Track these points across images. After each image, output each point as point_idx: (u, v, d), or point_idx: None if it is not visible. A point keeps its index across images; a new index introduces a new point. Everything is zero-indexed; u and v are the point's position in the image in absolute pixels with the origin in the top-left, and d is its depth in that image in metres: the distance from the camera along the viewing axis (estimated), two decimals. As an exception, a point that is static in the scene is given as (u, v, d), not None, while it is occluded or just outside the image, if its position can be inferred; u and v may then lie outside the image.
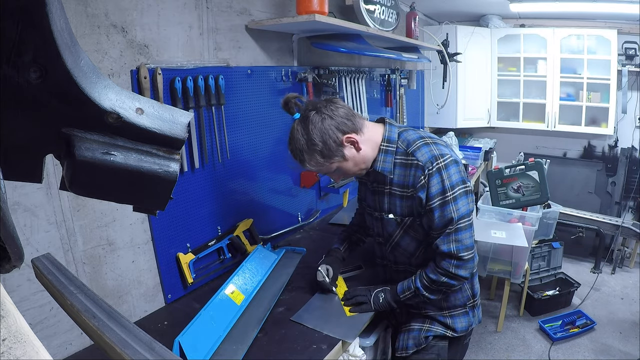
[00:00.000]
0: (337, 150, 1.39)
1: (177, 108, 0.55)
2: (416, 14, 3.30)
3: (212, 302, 1.55)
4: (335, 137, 1.37)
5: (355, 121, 1.41)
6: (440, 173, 1.36)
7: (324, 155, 1.39)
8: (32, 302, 1.30)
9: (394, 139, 1.46)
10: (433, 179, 1.36)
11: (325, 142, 1.37)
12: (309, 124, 1.37)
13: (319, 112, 1.37)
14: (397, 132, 1.47)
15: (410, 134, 1.46)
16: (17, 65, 0.42)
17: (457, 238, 1.39)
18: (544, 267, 3.80)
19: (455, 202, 1.37)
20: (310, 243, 2.34)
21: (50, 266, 0.67)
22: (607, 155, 4.61)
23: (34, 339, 0.45)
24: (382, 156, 1.46)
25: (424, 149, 1.40)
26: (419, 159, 1.38)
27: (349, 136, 1.39)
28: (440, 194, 1.37)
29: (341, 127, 1.38)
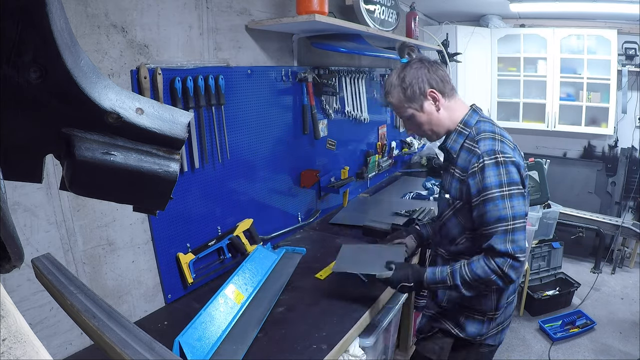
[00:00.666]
0: (418, 98, 1.49)
1: (177, 108, 0.55)
2: (416, 14, 3.30)
3: (212, 302, 1.55)
4: (423, 85, 1.47)
5: (446, 86, 1.50)
6: (499, 167, 1.35)
7: (406, 96, 1.49)
8: (32, 302, 1.30)
9: (470, 123, 1.50)
10: (490, 170, 1.36)
11: (412, 85, 1.47)
12: (407, 67, 1.50)
13: (421, 62, 1.50)
14: (476, 119, 1.50)
15: (486, 125, 1.48)
16: (17, 65, 0.42)
17: (514, 238, 1.35)
18: (544, 267, 3.80)
19: (511, 199, 1.35)
20: (310, 243, 2.34)
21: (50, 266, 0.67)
22: (607, 155, 4.61)
23: (34, 339, 0.45)
24: (455, 135, 1.52)
25: (489, 141, 1.41)
26: (480, 147, 1.41)
27: (433, 91, 1.47)
28: (496, 187, 1.35)
29: (432, 81, 1.48)
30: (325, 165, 2.77)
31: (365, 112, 3.05)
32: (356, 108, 2.98)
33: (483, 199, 1.37)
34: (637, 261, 4.33)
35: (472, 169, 1.40)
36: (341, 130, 2.89)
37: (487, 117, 1.55)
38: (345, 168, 2.97)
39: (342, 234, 2.50)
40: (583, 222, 4.07)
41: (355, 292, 1.81)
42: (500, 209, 1.35)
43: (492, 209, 1.36)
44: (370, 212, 2.82)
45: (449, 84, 1.51)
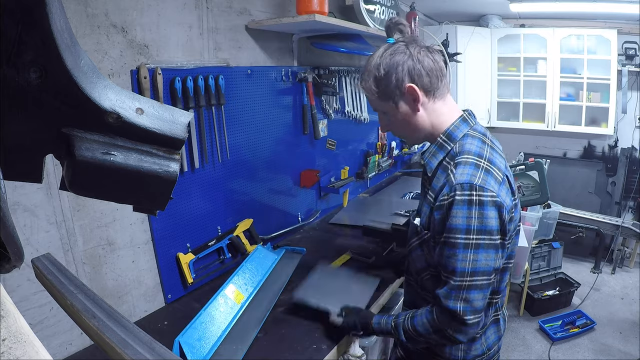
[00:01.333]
0: (393, 93, 1.18)
1: (177, 108, 0.55)
2: (416, 14, 3.30)
3: (212, 302, 1.55)
4: (400, 78, 1.15)
5: (433, 82, 1.17)
6: (471, 208, 1.06)
7: (378, 88, 1.19)
8: (32, 302, 1.30)
9: (456, 137, 1.19)
10: (458, 209, 1.07)
11: (388, 76, 1.16)
12: (389, 50, 1.18)
13: (406, 47, 1.16)
14: (464, 132, 1.20)
15: (473, 144, 1.17)
16: (17, 65, 0.42)
17: (468, 297, 1.10)
18: (544, 267, 3.81)
19: (477, 250, 1.07)
20: (310, 243, 2.34)
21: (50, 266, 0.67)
22: (607, 155, 4.61)
23: (34, 339, 0.45)
24: (434, 149, 1.22)
25: (469, 168, 1.10)
26: (455, 175, 1.10)
27: (413, 87, 1.15)
28: (461, 232, 1.07)
29: (413, 74, 1.15)
30: (325, 165, 2.77)
31: (365, 112, 3.05)
32: (356, 108, 2.98)
33: (444, 240, 1.11)
34: (637, 261, 4.33)
35: (440, 200, 1.12)
36: (341, 130, 2.89)
37: (481, 129, 1.24)
38: (345, 168, 2.97)
39: (342, 234, 2.50)
40: (583, 222, 4.07)
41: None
42: (459, 260, 1.09)
43: (451, 256, 1.10)
44: (370, 212, 2.82)
45: (439, 80, 1.18)
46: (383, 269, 1.99)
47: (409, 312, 1.28)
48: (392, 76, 1.16)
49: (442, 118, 1.21)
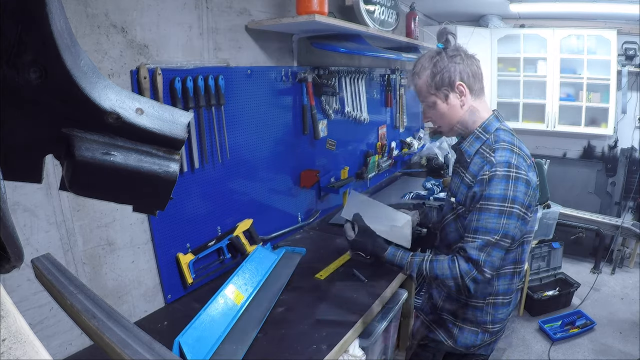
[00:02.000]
0: (446, 87, 1.41)
1: (177, 108, 0.55)
2: (416, 14, 3.30)
3: (212, 302, 1.55)
4: (453, 76, 1.39)
5: (476, 84, 1.43)
6: (508, 181, 1.28)
7: (434, 81, 1.41)
8: (32, 302, 1.30)
9: (490, 130, 1.42)
10: (498, 181, 1.29)
11: (442, 73, 1.39)
12: (443, 54, 1.41)
13: (457, 51, 1.41)
14: (496, 127, 1.43)
15: (506, 135, 1.40)
16: (17, 65, 0.42)
17: (492, 252, 1.30)
18: (544, 267, 3.81)
19: (509, 217, 1.29)
20: (310, 243, 2.35)
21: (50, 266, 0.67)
22: (607, 156, 4.61)
23: (34, 339, 0.45)
24: (472, 139, 1.45)
25: (506, 152, 1.33)
26: (495, 156, 1.33)
27: (462, 84, 1.40)
28: (498, 200, 1.28)
29: (463, 74, 1.40)
30: (325, 165, 2.77)
31: (365, 112, 3.05)
32: (356, 108, 2.98)
33: (481, 206, 1.32)
34: (637, 261, 4.33)
35: (481, 176, 1.33)
36: (341, 130, 2.89)
37: (508, 126, 1.47)
38: (345, 168, 2.97)
39: (341, 234, 2.48)
40: (583, 222, 4.07)
41: (355, 292, 1.81)
42: (493, 222, 1.29)
43: (487, 219, 1.30)
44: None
45: (479, 82, 1.44)
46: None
47: (428, 255, 1.44)
48: (446, 73, 1.39)
49: (478, 114, 1.45)
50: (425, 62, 1.43)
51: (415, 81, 1.47)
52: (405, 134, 4.04)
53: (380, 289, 1.84)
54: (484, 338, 1.53)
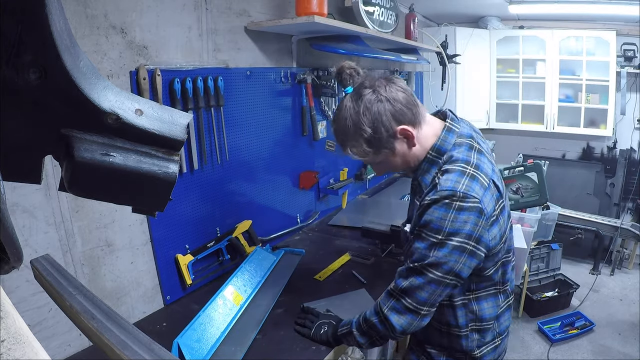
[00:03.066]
0: (387, 142, 1.18)
1: (176, 109, 0.55)
2: (415, 16, 3.31)
3: (211, 303, 1.55)
4: (389, 126, 1.15)
5: (415, 111, 1.17)
6: (448, 211, 1.09)
7: (371, 145, 1.18)
8: (31, 304, 1.29)
9: (445, 149, 1.20)
10: (435, 210, 1.11)
11: (376, 130, 1.15)
12: (361, 104, 1.15)
13: (375, 92, 1.14)
14: (452, 142, 1.21)
15: (461, 152, 1.18)
16: (17, 66, 0.42)
17: (415, 282, 1.15)
18: (543, 268, 3.81)
19: (442, 249, 1.10)
20: (309, 244, 2.34)
21: (49, 267, 0.67)
22: (606, 157, 4.62)
23: (33, 340, 0.45)
24: (426, 165, 1.23)
25: (454, 175, 1.13)
26: (440, 181, 1.13)
27: (404, 128, 1.16)
28: (432, 230, 1.11)
29: (398, 115, 1.15)
30: (324, 166, 2.77)
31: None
32: (355, 109, 2.98)
33: (417, 232, 1.16)
34: (636, 262, 4.34)
35: (422, 201, 1.15)
36: (340, 131, 2.88)
37: (467, 131, 1.25)
38: (344, 169, 2.97)
39: (341, 235, 2.50)
40: (582, 223, 4.07)
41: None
42: (422, 250, 1.13)
43: (418, 248, 1.15)
44: (369, 213, 2.82)
45: (416, 107, 1.18)
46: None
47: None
48: (380, 129, 1.15)
49: (430, 139, 1.22)
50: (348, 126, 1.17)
51: (349, 153, 1.23)
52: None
53: (379, 291, 1.83)
54: None
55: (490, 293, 1.29)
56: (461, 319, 1.29)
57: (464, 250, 1.10)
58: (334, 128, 1.24)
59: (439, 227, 1.10)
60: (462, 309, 1.28)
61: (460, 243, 1.10)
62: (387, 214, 2.70)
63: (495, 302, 1.31)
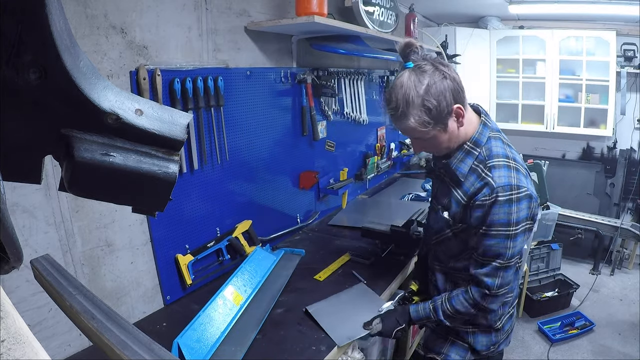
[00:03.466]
0: (444, 118, 1.23)
1: (176, 109, 0.55)
2: (415, 16, 3.31)
3: (211, 303, 1.55)
4: (450, 101, 1.21)
5: (464, 95, 1.26)
6: (511, 205, 1.22)
7: (432, 117, 1.21)
8: (31, 304, 1.29)
9: (481, 142, 1.30)
10: (501, 208, 1.22)
11: (440, 103, 1.19)
12: (426, 78, 1.19)
13: (438, 70, 1.20)
14: (487, 136, 1.31)
15: (498, 146, 1.30)
16: (17, 66, 0.42)
17: (504, 275, 1.30)
18: (543, 268, 3.81)
19: (515, 239, 1.26)
20: (309, 244, 2.34)
21: (49, 267, 0.67)
22: (606, 157, 4.62)
23: (33, 340, 0.45)
24: (461, 155, 1.32)
25: (504, 171, 1.24)
26: (494, 177, 1.23)
27: (459, 107, 1.23)
28: (503, 226, 1.24)
29: (456, 94, 1.22)
30: (324, 166, 2.77)
31: (364, 113, 3.05)
32: (355, 109, 2.98)
33: (486, 232, 1.27)
34: (636, 262, 4.34)
35: (482, 200, 1.25)
36: (340, 131, 2.89)
37: (496, 126, 1.36)
38: (344, 169, 2.97)
39: (341, 235, 2.50)
40: (582, 223, 4.07)
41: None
42: (501, 247, 1.26)
43: (494, 245, 1.27)
44: (369, 213, 2.82)
45: (464, 91, 1.26)
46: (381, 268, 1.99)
47: (443, 295, 1.44)
48: (443, 102, 1.20)
49: (470, 126, 1.32)
50: (411, 96, 1.20)
51: (403, 123, 1.25)
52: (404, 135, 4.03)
53: (379, 290, 1.83)
54: (498, 337, 1.51)
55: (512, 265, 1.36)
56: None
57: (526, 230, 1.29)
58: (395, 99, 1.23)
59: (507, 221, 1.24)
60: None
61: (524, 226, 1.27)
62: (387, 214, 2.70)
63: (516, 275, 1.43)
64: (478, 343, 1.50)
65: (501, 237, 1.25)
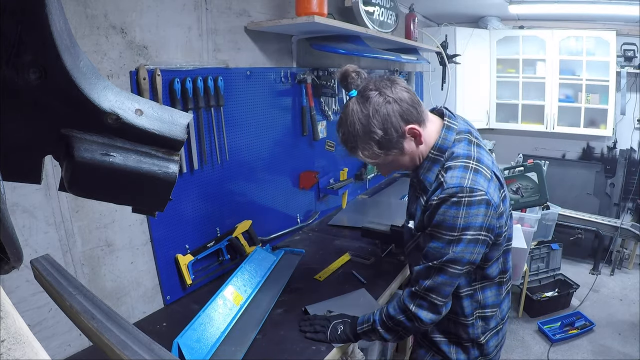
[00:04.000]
0: (397, 142, 1.20)
1: (176, 109, 0.55)
2: (415, 16, 3.31)
3: (211, 303, 1.55)
4: (398, 126, 1.17)
5: (419, 110, 1.21)
6: (459, 208, 1.14)
7: (382, 146, 1.20)
8: (31, 304, 1.29)
9: (445, 147, 1.25)
10: (446, 209, 1.15)
11: (387, 131, 1.17)
12: (369, 107, 1.17)
13: (382, 94, 1.17)
14: (452, 140, 1.25)
15: (461, 147, 1.24)
16: (17, 66, 0.42)
17: (437, 279, 1.20)
18: (543, 268, 3.81)
19: (458, 244, 1.16)
20: (309, 244, 2.34)
21: (49, 267, 0.67)
22: (606, 157, 4.61)
23: (33, 340, 0.45)
24: (428, 164, 1.27)
25: (458, 171, 1.17)
26: (446, 178, 1.18)
27: (412, 127, 1.19)
28: (447, 229, 1.16)
29: (405, 115, 1.17)
30: (324, 166, 2.77)
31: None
32: (355, 109, 2.98)
33: (430, 232, 1.21)
34: (636, 262, 4.34)
35: (431, 201, 1.20)
36: (340, 131, 2.88)
37: (464, 127, 1.30)
38: (344, 169, 2.97)
39: (341, 235, 2.50)
40: (582, 223, 4.07)
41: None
42: (440, 250, 1.18)
43: (434, 248, 1.20)
44: (369, 213, 2.82)
45: (420, 105, 1.21)
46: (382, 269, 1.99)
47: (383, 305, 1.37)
48: (390, 129, 1.17)
49: (433, 137, 1.26)
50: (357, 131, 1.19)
51: (357, 155, 1.25)
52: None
53: (379, 291, 1.83)
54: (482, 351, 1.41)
55: (495, 282, 1.36)
56: (467, 308, 1.35)
57: (478, 241, 1.17)
58: (342, 132, 1.24)
59: (452, 224, 1.15)
60: (468, 299, 1.34)
61: (474, 235, 1.16)
62: (387, 214, 2.70)
63: (498, 290, 1.38)
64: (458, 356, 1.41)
65: (443, 241, 1.17)
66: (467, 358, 1.41)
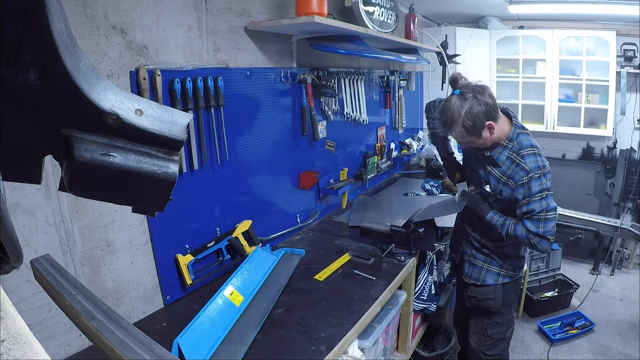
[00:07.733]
0: (478, 131, 1.76)
1: (176, 109, 0.55)
2: (415, 16, 3.31)
3: (211, 303, 1.55)
4: (482, 121, 1.73)
5: (496, 112, 1.77)
6: (541, 179, 1.77)
7: (468, 132, 1.75)
8: (31, 304, 1.30)
9: (513, 138, 1.84)
10: (536, 182, 1.77)
11: (474, 123, 1.73)
12: (466, 104, 1.72)
13: (476, 98, 1.72)
14: (516, 133, 1.85)
15: (525, 139, 1.84)
16: (17, 66, 0.42)
17: (545, 225, 1.80)
18: (543, 268, 3.80)
19: (547, 199, 1.79)
20: (309, 244, 2.34)
21: (49, 267, 0.67)
22: (606, 157, 4.61)
23: (33, 340, 0.45)
24: (500, 149, 1.86)
25: (533, 157, 1.79)
26: (527, 163, 1.78)
27: (490, 123, 1.75)
28: (538, 193, 1.77)
29: (487, 114, 1.73)
30: (324, 166, 2.77)
31: (364, 113, 3.06)
32: (355, 109, 2.99)
33: (529, 200, 1.79)
34: (636, 262, 4.33)
35: (521, 181, 1.79)
36: (340, 131, 2.89)
37: (520, 124, 1.90)
38: (344, 169, 2.97)
39: (341, 235, 2.50)
40: (582, 223, 4.06)
41: (354, 294, 1.81)
42: (540, 206, 1.78)
43: (537, 206, 1.78)
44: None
45: (497, 109, 1.78)
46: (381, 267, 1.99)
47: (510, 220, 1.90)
48: (477, 122, 1.73)
49: (503, 130, 1.84)
50: (454, 116, 1.74)
51: (449, 132, 1.84)
52: (404, 135, 4.04)
53: (379, 291, 1.83)
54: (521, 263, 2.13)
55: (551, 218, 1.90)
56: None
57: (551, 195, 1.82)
58: (444, 116, 1.79)
59: (541, 188, 1.78)
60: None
61: (550, 192, 1.80)
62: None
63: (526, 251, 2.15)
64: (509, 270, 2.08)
65: (538, 200, 1.78)
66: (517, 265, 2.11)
